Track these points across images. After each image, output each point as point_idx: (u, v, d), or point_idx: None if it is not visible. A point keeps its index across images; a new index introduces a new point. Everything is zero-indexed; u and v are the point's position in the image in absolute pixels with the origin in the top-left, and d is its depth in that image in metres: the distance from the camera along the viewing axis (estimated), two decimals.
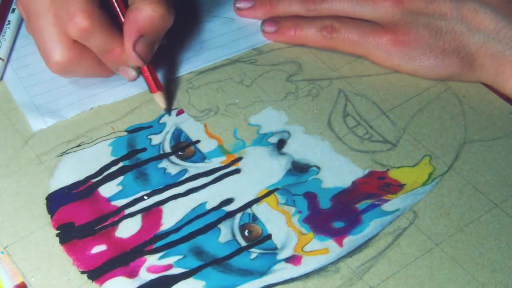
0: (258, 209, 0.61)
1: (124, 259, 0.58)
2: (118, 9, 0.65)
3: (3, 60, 0.70)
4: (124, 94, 0.69)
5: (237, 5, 0.76)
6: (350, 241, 0.60)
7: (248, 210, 0.61)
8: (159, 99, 0.67)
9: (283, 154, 0.65)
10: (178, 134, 0.66)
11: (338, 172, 0.64)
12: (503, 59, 0.67)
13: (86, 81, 0.69)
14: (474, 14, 0.67)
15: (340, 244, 0.60)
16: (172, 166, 0.64)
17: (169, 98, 0.69)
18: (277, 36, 0.73)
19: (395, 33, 0.69)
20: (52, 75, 0.68)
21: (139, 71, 0.66)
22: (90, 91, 0.69)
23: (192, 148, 0.65)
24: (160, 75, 0.70)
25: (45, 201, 0.61)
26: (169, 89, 0.70)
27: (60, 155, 0.64)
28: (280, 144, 0.66)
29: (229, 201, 0.62)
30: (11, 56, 0.72)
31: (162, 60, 0.72)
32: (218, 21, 0.76)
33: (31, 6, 0.64)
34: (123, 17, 0.64)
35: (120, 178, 0.63)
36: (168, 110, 0.67)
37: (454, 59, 0.68)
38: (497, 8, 0.67)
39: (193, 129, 0.67)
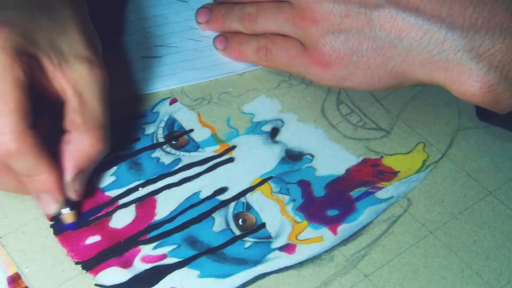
0: (252, 198, 0.61)
1: (118, 249, 0.58)
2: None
3: None
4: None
5: (197, 19, 0.73)
6: (344, 229, 0.60)
7: (242, 199, 0.61)
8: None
9: (276, 142, 0.65)
10: (171, 123, 0.66)
11: (332, 160, 0.64)
12: (434, 65, 0.59)
13: None
14: (392, 23, 0.59)
15: (334, 232, 0.60)
16: (165, 156, 0.64)
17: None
18: (225, 53, 0.71)
19: (317, 56, 0.63)
20: None
21: (61, 206, 0.58)
22: None
23: (185, 137, 0.65)
24: (139, 87, 0.69)
25: None
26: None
27: None
28: (274, 133, 0.66)
29: (223, 190, 0.62)
30: None
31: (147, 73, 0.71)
32: (206, 41, 0.74)
33: None
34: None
35: (114, 169, 0.62)
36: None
37: (383, 74, 0.61)
38: (417, 11, 0.58)
39: (186, 118, 0.66)
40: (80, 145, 0.57)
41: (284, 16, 0.65)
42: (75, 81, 0.58)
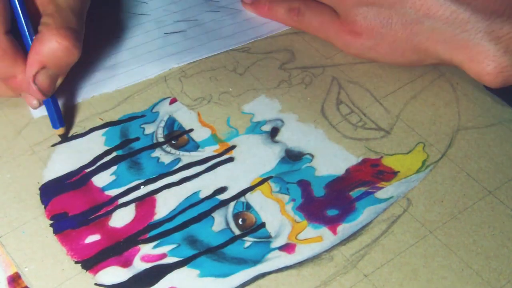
0: (252, 198, 0.61)
1: (118, 248, 0.58)
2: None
3: None
4: (115, 85, 0.68)
5: None
6: (344, 228, 0.60)
7: (242, 199, 0.61)
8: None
9: (276, 142, 0.65)
10: (171, 123, 0.66)
11: (331, 159, 0.64)
12: (455, 43, 0.64)
13: (75, 73, 0.69)
14: (422, 1, 0.64)
15: (334, 232, 0.60)
16: (165, 155, 0.64)
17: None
18: (252, 8, 0.75)
19: (349, 24, 0.69)
20: None
21: (41, 101, 0.63)
22: (80, 84, 0.68)
23: (185, 137, 0.65)
24: (160, 63, 0.71)
25: (38, 192, 0.61)
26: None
27: (53, 145, 0.64)
28: (274, 132, 0.66)
29: (222, 189, 0.62)
30: None
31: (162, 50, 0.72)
32: (224, 11, 0.76)
33: None
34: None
35: (114, 168, 0.62)
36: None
37: (407, 48, 0.67)
38: None
39: (186, 118, 0.66)
40: (47, 40, 0.60)
41: None
42: None
